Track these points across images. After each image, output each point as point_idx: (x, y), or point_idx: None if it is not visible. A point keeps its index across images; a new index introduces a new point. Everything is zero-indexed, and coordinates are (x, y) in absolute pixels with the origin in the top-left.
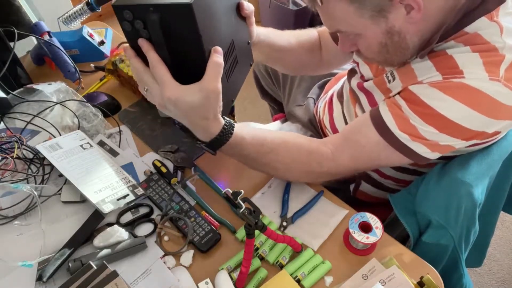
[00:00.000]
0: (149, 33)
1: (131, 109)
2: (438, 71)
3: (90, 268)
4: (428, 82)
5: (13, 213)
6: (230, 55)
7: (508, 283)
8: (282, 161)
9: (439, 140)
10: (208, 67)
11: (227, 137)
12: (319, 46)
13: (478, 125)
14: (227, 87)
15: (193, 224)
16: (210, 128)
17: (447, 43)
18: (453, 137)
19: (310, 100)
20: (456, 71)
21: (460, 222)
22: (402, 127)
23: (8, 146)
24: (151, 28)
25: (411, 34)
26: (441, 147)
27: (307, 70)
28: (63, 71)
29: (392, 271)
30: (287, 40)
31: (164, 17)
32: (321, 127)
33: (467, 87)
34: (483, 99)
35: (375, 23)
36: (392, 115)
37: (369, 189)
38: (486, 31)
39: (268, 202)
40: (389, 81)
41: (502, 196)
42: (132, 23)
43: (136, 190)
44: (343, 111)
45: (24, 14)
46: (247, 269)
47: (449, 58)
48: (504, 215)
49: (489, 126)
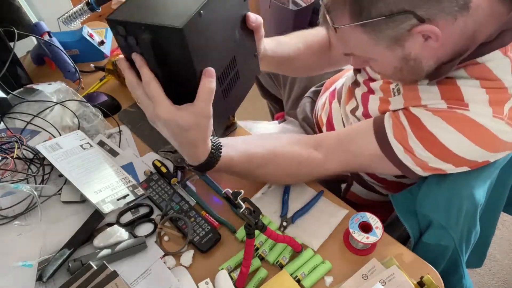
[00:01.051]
0: (141, 50)
1: (131, 109)
2: (443, 99)
3: (90, 268)
4: (432, 109)
5: (13, 213)
6: (229, 72)
7: (508, 283)
8: (272, 174)
9: (430, 162)
10: (199, 92)
11: (215, 161)
12: (327, 45)
13: (473, 156)
14: (224, 105)
15: (193, 224)
16: (197, 153)
17: (457, 71)
18: (446, 162)
19: (307, 99)
20: (461, 103)
21: (461, 223)
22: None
23: (8, 146)
24: (143, 46)
25: (428, 59)
26: (430, 168)
27: (313, 71)
28: (63, 71)
29: (392, 271)
30: (295, 47)
31: (155, 38)
32: (317, 125)
33: (471, 121)
34: (485, 134)
35: (391, 51)
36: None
37: (360, 191)
38: (497, 64)
39: (268, 202)
40: (394, 94)
41: (503, 197)
42: (125, 38)
43: (136, 190)
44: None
45: (24, 14)
46: (247, 269)
47: (456, 89)
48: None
49: (482, 157)
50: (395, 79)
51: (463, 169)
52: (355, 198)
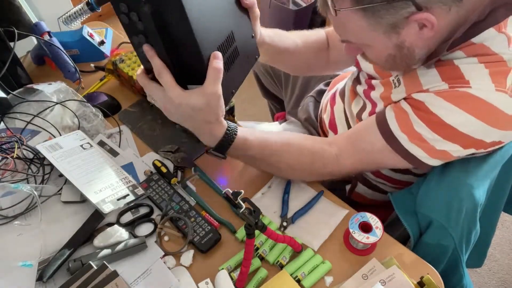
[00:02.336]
0: (144, 26)
1: (131, 109)
2: (444, 81)
3: (90, 268)
4: (434, 91)
5: (13, 213)
6: (228, 47)
7: (508, 283)
8: (286, 162)
9: (438, 145)
10: (208, 72)
11: (232, 139)
12: (326, 46)
13: (478, 133)
14: (227, 78)
15: (193, 224)
16: (214, 131)
17: (454, 53)
18: (453, 143)
19: (310, 99)
20: (462, 81)
21: (461, 223)
22: (405, 130)
23: (8, 146)
24: (145, 20)
25: (420, 48)
26: (438, 152)
27: (313, 71)
28: (63, 71)
29: (392, 271)
30: (293, 42)
31: (155, 9)
32: (320, 125)
33: (473, 97)
34: (488, 109)
35: (387, 38)
36: (397, 120)
37: (365, 190)
38: (493, 42)
39: (268, 202)
40: (395, 86)
41: (503, 197)
42: (128, 16)
43: (136, 190)
44: (344, 109)
45: (24, 14)
46: (247, 269)
47: (455, 68)
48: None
49: (489, 135)
50: (386, 67)
51: (470, 152)
52: (360, 199)
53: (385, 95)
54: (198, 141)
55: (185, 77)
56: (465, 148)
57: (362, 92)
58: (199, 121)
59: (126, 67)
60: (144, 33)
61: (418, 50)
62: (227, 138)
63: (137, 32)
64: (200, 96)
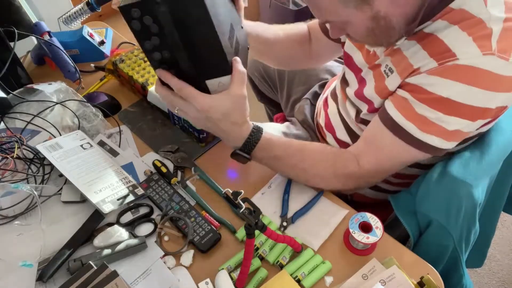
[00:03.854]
0: (159, 27)
1: (131, 109)
2: (432, 58)
3: (90, 268)
4: (426, 71)
5: (13, 213)
6: (232, 38)
7: (508, 283)
8: (309, 161)
9: (447, 125)
10: (234, 76)
11: (257, 138)
12: (308, 39)
13: (480, 101)
14: None
15: (193, 224)
16: (241, 132)
17: (435, 23)
18: (460, 118)
19: (305, 101)
20: (449, 55)
21: (461, 222)
22: (409, 118)
23: (8, 146)
24: (162, 20)
25: (397, 17)
26: (451, 133)
27: (296, 64)
28: (63, 71)
29: (392, 271)
30: (274, 33)
31: (172, 6)
32: (318, 129)
33: (463, 67)
34: (480, 74)
35: (361, 11)
36: (399, 109)
37: (366, 191)
38: (471, 4)
39: (268, 202)
40: (387, 75)
41: (503, 196)
42: (141, 21)
43: (136, 190)
44: (338, 109)
45: (24, 14)
46: (247, 269)
47: (440, 43)
48: (504, 215)
49: (491, 100)
50: (370, 43)
51: (480, 123)
52: (362, 199)
53: (379, 88)
54: (198, 141)
55: (203, 72)
56: (472, 120)
57: (353, 95)
58: (228, 124)
59: (126, 67)
60: (159, 35)
61: (395, 19)
62: (253, 137)
63: (150, 36)
64: (227, 99)
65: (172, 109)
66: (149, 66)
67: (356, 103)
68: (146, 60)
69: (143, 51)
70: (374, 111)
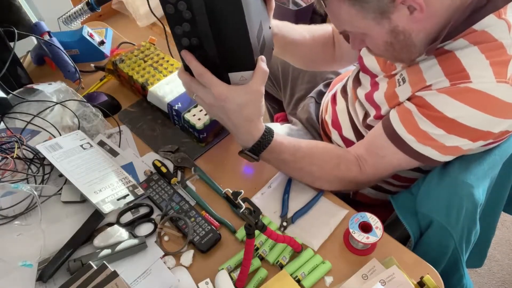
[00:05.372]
0: (192, 14)
1: (131, 109)
2: (446, 77)
3: (90, 268)
4: (437, 89)
5: (13, 213)
6: (260, 36)
7: (508, 283)
8: (317, 164)
9: (446, 141)
10: (255, 72)
11: (269, 141)
12: (332, 42)
13: (486, 126)
14: None
15: (193, 224)
16: (253, 131)
17: (456, 42)
18: (461, 138)
19: (310, 100)
20: (463, 75)
21: (461, 222)
22: (411, 131)
23: (8, 146)
24: (195, 7)
25: (417, 32)
26: (448, 148)
27: (319, 65)
28: (63, 71)
29: (392, 271)
30: (300, 34)
31: None
32: (322, 127)
33: (474, 91)
34: (491, 101)
35: (379, 24)
36: (403, 122)
37: (368, 191)
38: (494, 28)
39: (268, 202)
40: (399, 84)
41: (503, 197)
42: (175, 5)
43: (136, 190)
44: (347, 107)
45: (24, 14)
46: (247, 269)
47: (457, 62)
48: (504, 215)
49: (497, 126)
50: (389, 57)
51: (480, 144)
52: (365, 199)
53: (389, 93)
54: (198, 141)
55: (228, 64)
56: (473, 141)
57: (364, 97)
58: (242, 117)
59: (126, 67)
60: (190, 22)
61: (415, 35)
62: (264, 140)
63: (182, 21)
64: (246, 93)
65: (190, 95)
66: (149, 66)
67: (366, 106)
68: (146, 60)
69: (172, 35)
70: (379, 118)
